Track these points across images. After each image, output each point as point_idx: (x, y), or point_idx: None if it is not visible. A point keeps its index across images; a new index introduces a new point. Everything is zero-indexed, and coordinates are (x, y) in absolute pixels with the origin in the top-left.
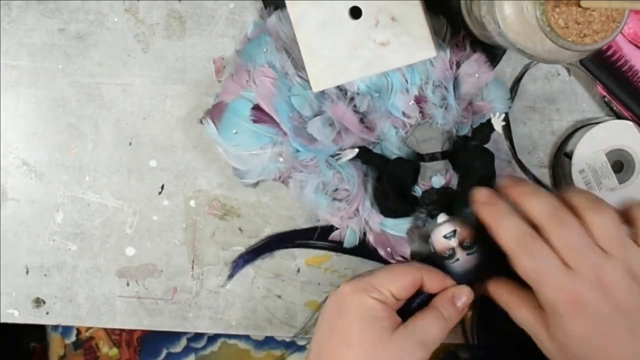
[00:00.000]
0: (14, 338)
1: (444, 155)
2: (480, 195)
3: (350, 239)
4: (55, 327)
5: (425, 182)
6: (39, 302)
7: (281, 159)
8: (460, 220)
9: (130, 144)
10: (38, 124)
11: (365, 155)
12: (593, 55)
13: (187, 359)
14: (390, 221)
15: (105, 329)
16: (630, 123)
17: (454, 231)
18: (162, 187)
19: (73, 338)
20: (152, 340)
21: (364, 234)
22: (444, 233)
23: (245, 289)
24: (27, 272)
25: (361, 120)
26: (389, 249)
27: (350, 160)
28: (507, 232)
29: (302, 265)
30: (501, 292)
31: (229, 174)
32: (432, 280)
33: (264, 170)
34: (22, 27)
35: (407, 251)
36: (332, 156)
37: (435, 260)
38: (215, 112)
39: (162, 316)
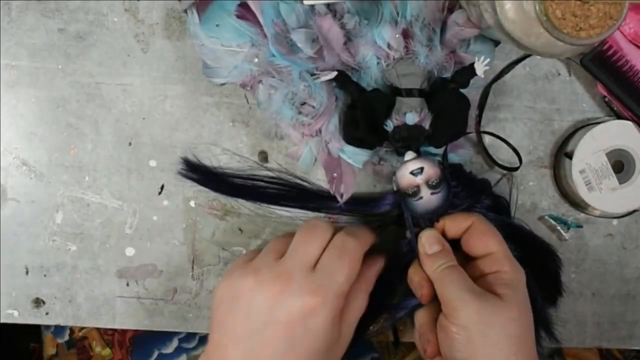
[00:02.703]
0: (14, 338)
1: (421, 93)
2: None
3: (306, 159)
4: (47, 326)
5: (399, 117)
6: (38, 302)
7: (256, 60)
8: (428, 159)
9: (130, 144)
10: (38, 124)
11: (343, 80)
12: (593, 55)
13: (178, 359)
14: (350, 149)
15: (99, 329)
16: (630, 123)
17: (422, 168)
18: (162, 187)
19: (66, 337)
20: (144, 340)
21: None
22: (411, 169)
23: None
24: (27, 273)
25: (345, 44)
26: (335, 175)
27: (325, 82)
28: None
29: None
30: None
31: None
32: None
33: (236, 69)
34: (22, 27)
35: (352, 181)
36: (311, 75)
37: (397, 199)
38: (202, 4)
39: (162, 316)
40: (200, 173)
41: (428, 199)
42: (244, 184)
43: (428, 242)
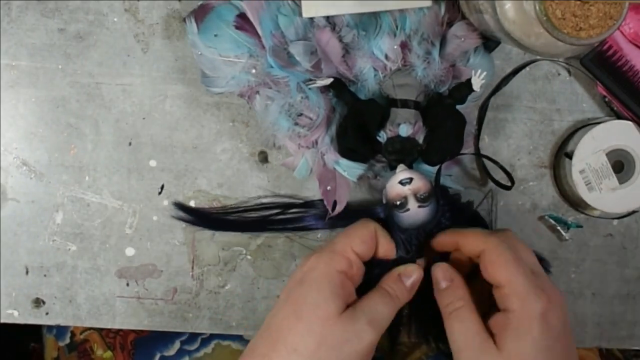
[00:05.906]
0: (14, 338)
1: (416, 105)
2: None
3: (301, 170)
4: (49, 329)
5: (393, 129)
6: (38, 302)
7: (254, 71)
8: (419, 172)
9: (130, 144)
10: (38, 124)
11: (339, 87)
12: (593, 55)
13: None
14: (345, 162)
15: (100, 332)
16: (630, 123)
17: (411, 179)
18: (162, 187)
19: (67, 340)
20: (146, 343)
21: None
22: (400, 178)
23: (246, 290)
24: (27, 273)
25: (343, 56)
26: (329, 187)
27: (322, 92)
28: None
29: None
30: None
31: (229, 174)
32: (383, 237)
33: (234, 79)
34: (22, 27)
35: (346, 195)
36: (305, 82)
37: (384, 211)
38: (200, 13)
39: (162, 316)
40: (192, 215)
41: (415, 211)
42: (235, 220)
43: (440, 276)
